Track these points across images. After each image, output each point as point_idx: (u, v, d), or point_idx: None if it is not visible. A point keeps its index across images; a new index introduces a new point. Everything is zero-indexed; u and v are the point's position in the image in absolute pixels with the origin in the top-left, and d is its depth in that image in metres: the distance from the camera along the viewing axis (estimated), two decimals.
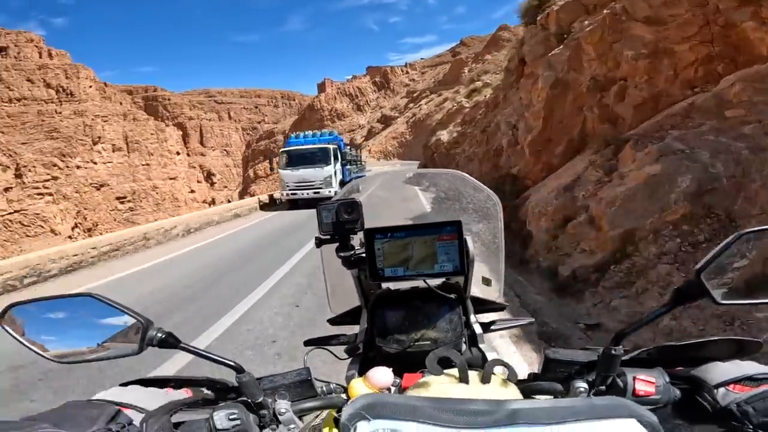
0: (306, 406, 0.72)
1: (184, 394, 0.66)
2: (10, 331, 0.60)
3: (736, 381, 0.57)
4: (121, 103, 75.62)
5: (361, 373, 0.86)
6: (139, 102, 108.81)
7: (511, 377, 0.62)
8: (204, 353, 0.64)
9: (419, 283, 0.99)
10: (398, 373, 0.76)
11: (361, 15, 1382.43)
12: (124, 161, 62.05)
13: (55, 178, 55.60)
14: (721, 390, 0.57)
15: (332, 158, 15.78)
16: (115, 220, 60.60)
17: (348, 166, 18.23)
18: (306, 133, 18.87)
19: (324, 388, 0.78)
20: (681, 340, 0.65)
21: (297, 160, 15.77)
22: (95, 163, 60.49)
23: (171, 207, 63.49)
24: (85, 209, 56.33)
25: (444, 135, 22.90)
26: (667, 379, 0.62)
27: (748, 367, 0.58)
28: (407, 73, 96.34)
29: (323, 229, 0.96)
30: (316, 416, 0.81)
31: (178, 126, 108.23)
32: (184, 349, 0.63)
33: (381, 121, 74.83)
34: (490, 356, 0.93)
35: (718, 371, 0.59)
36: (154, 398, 0.60)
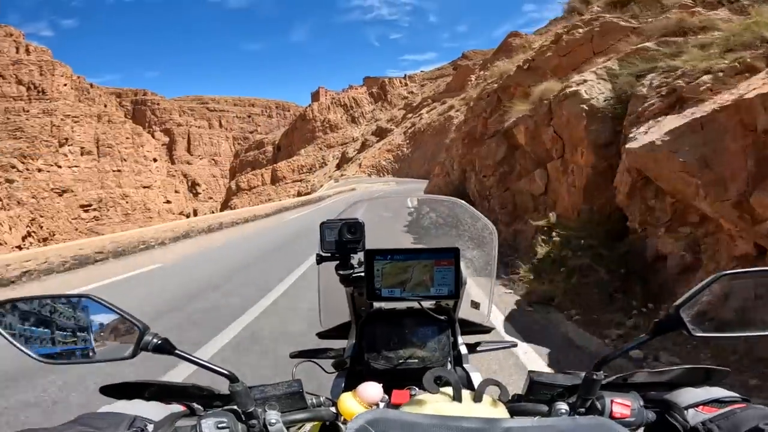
0: (295, 418, 0.72)
1: (179, 407, 0.66)
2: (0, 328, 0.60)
3: (705, 403, 0.60)
4: (105, 105, 70.86)
5: (347, 387, 0.88)
6: (127, 105, 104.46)
7: (503, 396, 0.65)
8: (199, 361, 0.63)
9: (413, 303, 1.03)
10: (385, 390, 0.77)
11: (363, 30, 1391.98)
12: (93, 166, 56.85)
13: (10, 182, 50.15)
14: (691, 411, 0.60)
15: None
16: (76, 229, 55.18)
17: None
18: None
19: (314, 401, 0.78)
20: (655, 368, 0.72)
21: None
22: (59, 167, 55.14)
23: (142, 218, 58.03)
24: (41, 217, 50.80)
25: (593, 86, 5.40)
26: (642, 403, 0.66)
27: (717, 392, 0.62)
28: (406, 85, 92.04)
29: (325, 246, 0.99)
30: (299, 428, 0.81)
31: (166, 132, 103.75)
32: (178, 356, 0.62)
33: (376, 134, 69.97)
34: (474, 376, 1.00)
35: (689, 395, 0.62)
36: (156, 411, 0.60)
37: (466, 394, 0.62)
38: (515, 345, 1.35)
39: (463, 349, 1.07)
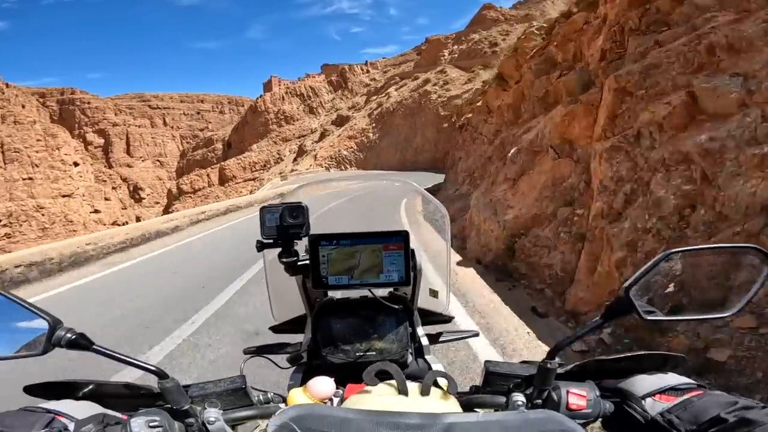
0: (239, 416, 0.68)
1: (117, 415, 0.61)
2: None
3: (661, 391, 0.59)
4: (23, 106, 60.71)
5: (305, 383, 0.85)
6: (53, 106, 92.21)
7: (451, 389, 0.62)
8: (122, 357, 0.58)
9: (367, 292, 0.98)
10: (343, 384, 0.76)
11: (323, 24, 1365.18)
12: None
13: None
14: (648, 400, 0.59)
15: None
16: None
17: None
18: None
19: (261, 398, 0.74)
20: (611, 355, 0.67)
21: None
22: None
23: (64, 232, 48.90)
24: None
25: None
26: (598, 393, 0.64)
27: (671, 379, 0.61)
28: (367, 72, 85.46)
29: (266, 233, 0.92)
30: (256, 427, 0.78)
31: (99, 133, 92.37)
32: (97, 351, 0.57)
33: (336, 123, 63.22)
34: (436, 368, 0.96)
35: (644, 383, 0.61)
36: (85, 410, 0.56)
37: (413, 387, 0.60)
38: (477, 334, 1.30)
39: (424, 340, 1.03)
